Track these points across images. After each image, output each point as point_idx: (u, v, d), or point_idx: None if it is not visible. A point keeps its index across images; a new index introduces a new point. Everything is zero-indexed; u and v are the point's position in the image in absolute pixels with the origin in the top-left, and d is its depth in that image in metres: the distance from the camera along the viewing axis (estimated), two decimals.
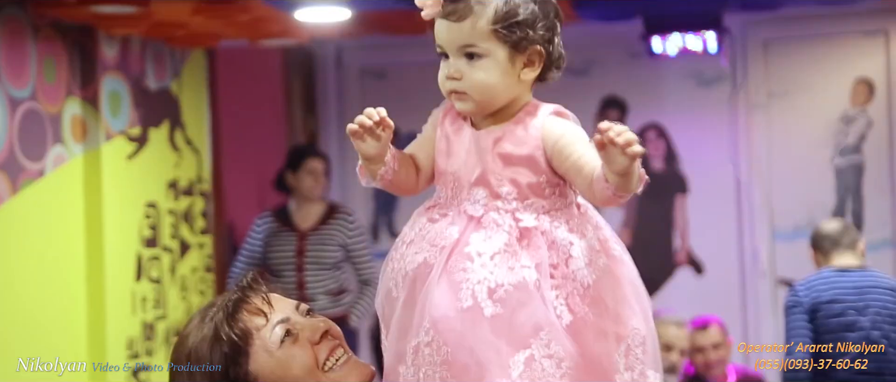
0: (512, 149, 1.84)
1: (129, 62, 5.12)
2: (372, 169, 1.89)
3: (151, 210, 5.27)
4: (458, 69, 1.83)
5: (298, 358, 1.84)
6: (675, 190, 6.74)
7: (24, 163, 4.45)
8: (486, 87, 1.83)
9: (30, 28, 4.51)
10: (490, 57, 1.82)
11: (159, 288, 5.30)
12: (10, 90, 4.38)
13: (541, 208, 1.83)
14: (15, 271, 4.38)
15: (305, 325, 1.87)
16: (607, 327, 1.81)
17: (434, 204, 1.89)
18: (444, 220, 1.84)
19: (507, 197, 1.83)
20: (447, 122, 1.90)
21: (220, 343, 1.82)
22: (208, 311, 1.88)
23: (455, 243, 1.80)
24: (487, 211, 1.82)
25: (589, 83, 6.72)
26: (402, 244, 1.87)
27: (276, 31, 5.28)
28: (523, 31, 1.83)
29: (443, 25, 1.84)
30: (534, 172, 1.83)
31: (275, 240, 5.52)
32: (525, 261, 1.79)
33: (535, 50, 1.85)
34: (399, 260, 1.86)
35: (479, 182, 1.84)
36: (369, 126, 1.84)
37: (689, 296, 6.56)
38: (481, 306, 1.76)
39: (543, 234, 1.81)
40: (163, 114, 5.40)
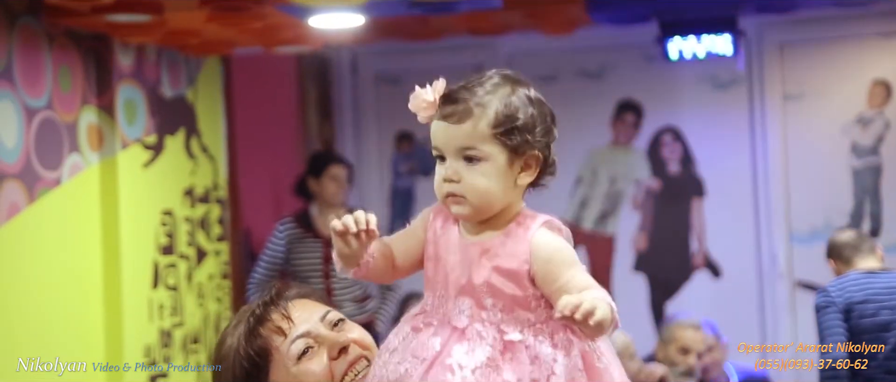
0: (499, 261, 1.79)
1: (145, 70, 5.13)
2: (347, 262, 1.85)
3: (168, 217, 5.27)
4: (456, 172, 1.78)
5: (312, 375, 1.86)
6: (692, 193, 6.72)
7: (40, 172, 4.46)
8: (485, 192, 1.78)
9: (45, 37, 4.52)
10: (490, 161, 1.78)
11: (176, 296, 5.30)
12: (26, 99, 4.40)
13: (526, 321, 1.78)
14: (32, 280, 4.39)
15: (325, 339, 1.89)
16: None
17: (420, 312, 1.84)
18: (428, 330, 1.80)
19: (492, 309, 1.78)
20: (437, 225, 1.86)
21: (240, 357, 1.88)
22: (243, 315, 1.93)
23: (436, 355, 1.76)
24: (472, 323, 1.78)
25: (604, 87, 6.71)
26: (386, 352, 1.83)
27: (290, 38, 5.29)
28: (523, 135, 1.78)
29: (440, 127, 1.80)
30: (519, 287, 1.78)
31: (299, 247, 5.52)
32: (507, 376, 1.74)
33: (533, 154, 1.80)
34: (382, 368, 1.82)
35: (465, 292, 1.79)
36: (355, 232, 1.79)
37: (707, 300, 6.54)
38: None
39: (527, 349, 1.76)
40: (178, 121, 5.41)
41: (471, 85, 1.80)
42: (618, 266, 6.73)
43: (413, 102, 1.83)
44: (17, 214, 4.31)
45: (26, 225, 4.35)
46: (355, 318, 5.40)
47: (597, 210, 6.76)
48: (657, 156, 6.77)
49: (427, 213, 1.89)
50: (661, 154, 6.77)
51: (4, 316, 4.22)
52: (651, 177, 6.78)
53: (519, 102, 1.79)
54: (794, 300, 6.51)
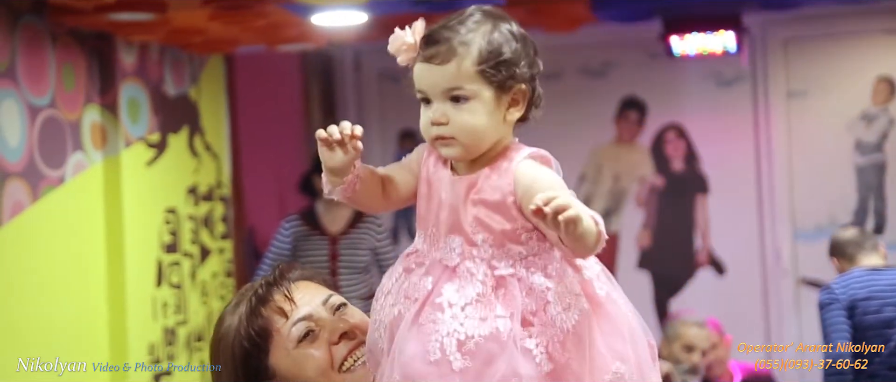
0: (485, 195, 1.76)
1: (148, 69, 5.13)
2: (332, 180, 1.83)
3: (171, 215, 5.27)
4: (444, 113, 1.75)
5: (313, 359, 1.84)
6: (696, 190, 6.72)
7: (44, 171, 4.46)
8: (475, 130, 1.75)
9: (48, 36, 4.52)
10: (477, 99, 1.75)
11: (180, 294, 5.30)
12: (29, 98, 4.40)
13: (517, 255, 1.76)
14: (36, 278, 4.39)
15: (326, 324, 1.87)
16: (584, 373, 1.73)
17: (413, 251, 1.83)
18: (419, 270, 1.78)
19: (482, 245, 1.76)
20: (430, 163, 1.84)
21: (241, 337, 1.86)
22: (242, 298, 1.92)
23: (427, 294, 1.75)
24: (463, 260, 1.76)
25: (608, 84, 6.70)
26: (382, 294, 1.82)
27: (293, 36, 5.29)
28: (509, 69, 1.76)
29: (424, 69, 1.77)
30: (507, 219, 1.76)
31: (306, 244, 5.52)
32: (499, 311, 1.72)
33: (519, 89, 1.78)
34: (378, 312, 1.81)
35: (454, 230, 1.77)
36: (338, 139, 1.78)
37: (711, 297, 6.53)
38: (450, 359, 1.69)
39: (520, 282, 1.74)
40: (182, 120, 5.41)
41: (452, 24, 1.78)
42: (621, 263, 6.73)
43: (392, 45, 1.81)
44: (20, 213, 4.31)
45: (30, 223, 4.35)
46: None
47: (600, 207, 6.76)
48: (661, 154, 6.76)
49: (422, 150, 1.86)
50: (665, 151, 6.76)
51: (8, 314, 4.22)
52: (655, 175, 6.77)
53: (502, 38, 1.77)
54: (799, 297, 6.50)
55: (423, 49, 1.78)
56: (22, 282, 4.31)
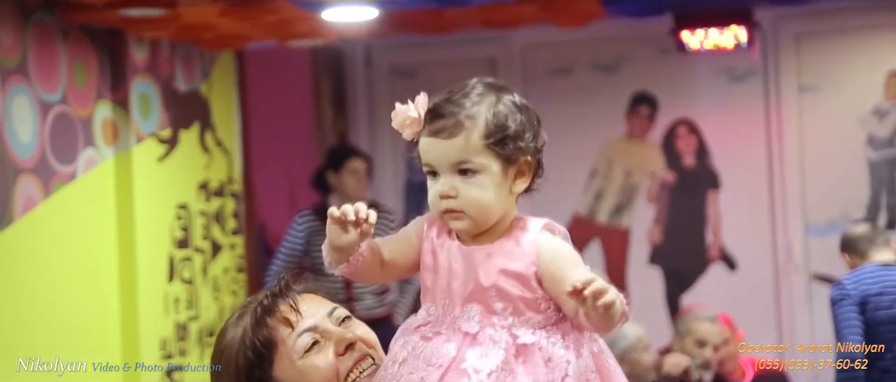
0: (504, 264, 1.78)
1: (159, 64, 5.14)
2: (336, 257, 1.83)
3: (183, 211, 5.28)
4: (452, 187, 1.77)
5: (318, 370, 1.83)
6: (707, 185, 6.70)
7: (55, 167, 4.48)
8: (484, 204, 1.77)
9: (59, 32, 4.53)
10: (485, 172, 1.76)
11: (191, 289, 5.31)
12: (41, 94, 4.41)
13: (537, 323, 1.78)
14: (48, 273, 4.40)
15: (332, 335, 1.87)
16: None
17: (425, 323, 1.83)
18: (439, 338, 1.79)
19: (502, 313, 1.77)
20: (433, 235, 1.84)
21: (245, 347, 1.85)
22: (247, 308, 1.90)
23: (451, 361, 1.75)
24: (483, 328, 1.77)
25: (619, 79, 6.69)
26: (393, 364, 1.81)
27: (304, 32, 5.29)
28: (515, 143, 1.77)
29: (431, 143, 1.79)
30: (527, 289, 1.77)
31: (319, 240, 5.48)
32: (522, 379, 1.74)
33: (525, 160, 1.79)
34: (391, 380, 1.80)
35: (472, 298, 1.78)
36: (353, 220, 1.78)
37: (722, 292, 6.52)
38: None
39: (541, 350, 1.76)
40: (193, 115, 5.42)
41: (456, 97, 1.79)
42: (633, 259, 6.72)
43: (396, 120, 1.81)
44: (32, 208, 4.32)
45: (42, 219, 4.36)
46: (374, 311, 5.44)
47: (612, 203, 6.75)
48: (672, 149, 6.75)
49: (421, 222, 1.87)
50: (676, 146, 6.75)
51: (20, 309, 4.23)
52: (666, 170, 6.76)
53: (506, 110, 1.78)
54: (811, 292, 6.49)
55: (429, 123, 1.79)
56: (34, 278, 4.32)
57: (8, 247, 4.17)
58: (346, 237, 1.79)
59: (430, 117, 1.79)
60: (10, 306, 4.18)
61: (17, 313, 4.21)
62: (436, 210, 1.80)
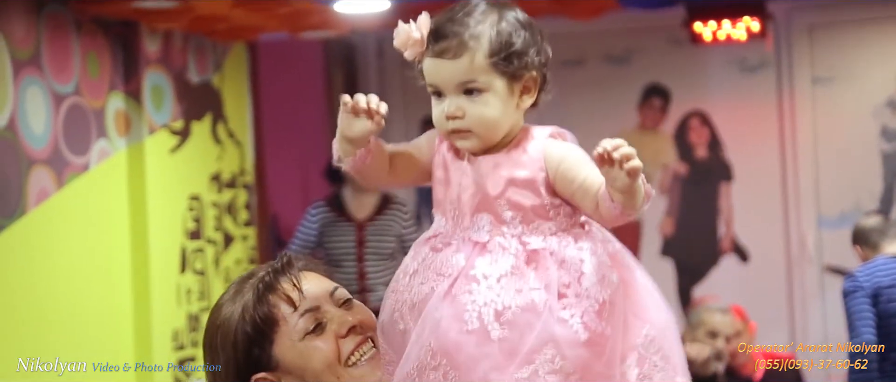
0: (512, 173, 1.79)
1: (172, 56, 5.15)
2: (345, 149, 1.85)
3: (195, 202, 5.29)
4: (459, 106, 1.78)
5: (320, 352, 1.80)
6: (720, 177, 6.69)
7: (68, 158, 4.49)
8: (490, 122, 1.78)
9: (73, 24, 4.54)
10: (490, 90, 1.77)
11: (204, 280, 5.33)
12: (54, 85, 4.42)
13: (547, 230, 1.79)
14: (61, 264, 4.42)
15: (334, 317, 1.84)
16: (618, 340, 1.78)
17: (435, 234, 1.84)
18: (449, 249, 1.80)
19: (512, 222, 1.79)
20: (444, 149, 1.85)
21: (245, 323, 1.81)
22: (244, 284, 1.86)
23: (461, 269, 1.77)
24: (493, 237, 1.79)
25: (631, 71, 6.68)
26: (405, 275, 1.83)
27: (316, 23, 5.29)
28: (520, 59, 1.78)
29: (435, 64, 1.79)
30: (536, 195, 1.79)
31: (332, 230, 5.53)
32: (534, 283, 1.75)
33: (530, 76, 1.80)
34: (403, 292, 1.82)
35: (482, 208, 1.80)
36: (364, 108, 1.79)
37: (735, 284, 6.51)
38: (488, 329, 1.73)
39: (552, 255, 1.78)
40: (205, 107, 5.43)
41: (458, 16, 1.79)
42: (645, 250, 6.71)
43: (398, 39, 1.82)
44: (45, 199, 4.34)
45: (55, 210, 4.38)
46: None
47: None
48: (684, 141, 6.74)
49: (433, 135, 1.87)
50: (689, 138, 6.73)
51: (34, 300, 4.25)
52: (678, 162, 6.75)
53: (510, 27, 1.79)
54: (823, 284, 6.47)
55: (433, 44, 1.79)
56: (47, 268, 4.34)
57: (21, 238, 4.18)
58: (357, 126, 1.80)
59: (434, 38, 1.79)
60: (23, 295, 4.19)
61: (30, 302, 4.22)
62: (442, 130, 1.81)
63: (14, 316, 4.14)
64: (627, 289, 1.81)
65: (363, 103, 1.79)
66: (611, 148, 1.65)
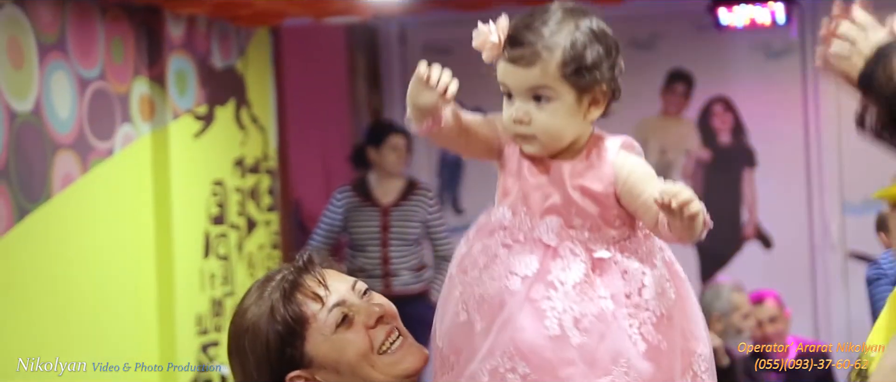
0: (588, 183, 1.83)
1: (195, 41, 5.16)
2: (415, 114, 1.87)
3: (218, 187, 5.31)
4: (526, 112, 1.82)
5: (353, 343, 1.83)
6: (743, 163, 6.67)
7: (93, 143, 4.51)
8: (554, 131, 1.82)
9: (97, 9, 4.56)
10: (559, 100, 1.81)
11: (227, 265, 5.35)
12: (79, 70, 4.44)
13: (611, 239, 1.84)
14: (86, 249, 4.44)
15: (361, 308, 1.86)
16: (678, 354, 1.83)
17: (502, 227, 1.86)
18: (520, 247, 1.83)
19: (579, 229, 1.83)
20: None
21: (276, 323, 1.82)
22: (266, 286, 1.87)
23: (537, 272, 1.80)
24: (562, 241, 1.83)
25: (655, 57, 6.66)
26: (474, 268, 1.86)
27: (339, 9, 5.29)
28: (591, 73, 1.81)
29: (509, 69, 1.83)
30: (604, 205, 1.83)
31: (357, 215, 5.54)
32: (602, 292, 1.80)
33: (600, 89, 1.84)
34: (472, 285, 1.85)
35: (553, 211, 1.83)
36: (432, 85, 1.82)
37: (758, 270, 6.50)
38: (568, 335, 1.77)
39: (616, 264, 1.83)
40: (229, 92, 5.44)
41: (534, 25, 1.82)
42: None
43: (477, 40, 1.86)
44: (70, 184, 4.36)
45: (80, 194, 4.40)
46: (411, 287, 5.46)
47: None
48: (708, 126, 6.72)
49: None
50: (712, 124, 6.71)
51: (58, 284, 4.28)
52: (701, 148, 6.73)
53: (584, 39, 1.82)
54: (847, 271, 6.45)
55: (509, 49, 1.82)
56: (71, 252, 4.36)
57: (46, 222, 4.21)
58: (425, 97, 1.83)
59: (510, 43, 1.83)
60: (47, 279, 4.22)
61: (54, 286, 4.25)
62: (509, 131, 1.86)
63: (40, 299, 4.17)
64: (682, 304, 1.86)
65: (434, 77, 1.82)
66: (668, 199, 1.71)
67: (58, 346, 4.19)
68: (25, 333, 4.07)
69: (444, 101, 1.83)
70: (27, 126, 4.12)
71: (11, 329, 4.00)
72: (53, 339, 4.19)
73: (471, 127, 1.89)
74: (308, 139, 6.30)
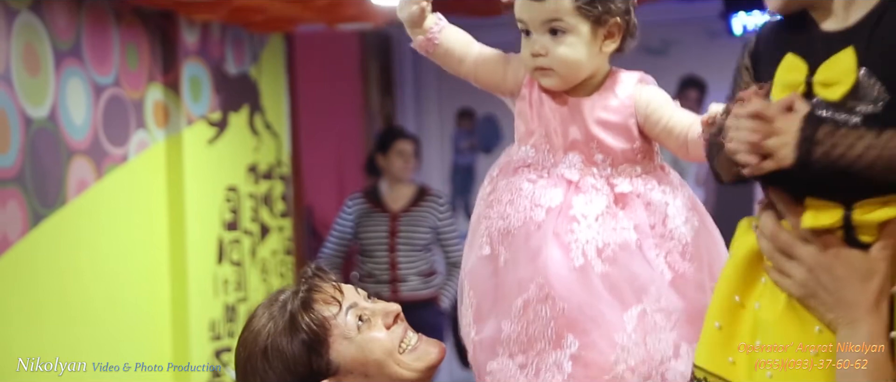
0: (607, 117, 1.89)
1: (210, 48, 5.18)
2: (409, 31, 1.98)
3: (232, 193, 5.33)
4: (543, 45, 1.87)
5: (378, 341, 1.84)
6: None
7: (108, 149, 4.53)
8: (572, 62, 1.87)
9: (113, 15, 4.58)
10: (574, 32, 1.86)
11: (240, 271, 5.36)
12: (94, 76, 4.46)
13: (633, 173, 1.89)
14: (100, 254, 4.46)
15: (376, 309, 1.88)
16: (705, 280, 1.87)
17: (526, 164, 1.91)
18: (544, 181, 1.88)
19: (602, 164, 1.88)
20: (537, 85, 1.93)
21: (299, 332, 1.81)
22: (273, 306, 1.87)
23: (560, 205, 1.85)
24: (583, 176, 1.87)
25: (667, 63, 6.66)
26: (499, 203, 1.90)
27: (353, 15, 5.31)
28: (605, 5, 1.87)
29: (525, 3, 1.88)
30: (627, 139, 1.89)
31: (367, 221, 5.55)
32: (624, 223, 1.85)
33: (615, 22, 1.89)
34: (496, 219, 1.89)
35: (574, 147, 1.88)
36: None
37: None
38: (592, 264, 1.81)
39: (639, 197, 1.88)
40: (242, 98, 5.46)
41: None
42: None
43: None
44: (85, 190, 4.38)
45: (94, 200, 4.42)
46: (420, 293, 5.46)
47: None
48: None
49: (522, 70, 1.94)
50: None
51: (73, 289, 4.29)
52: None
53: None
54: None
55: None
56: (86, 258, 4.38)
57: (61, 227, 4.23)
58: (405, 9, 1.95)
59: None
60: (62, 285, 4.24)
61: (70, 291, 4.27)
62: (527, 66, 1.91)
63: (55, 304, 4.19)
64: (706, 233, 1.91)
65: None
66: (710, 118, 1.81)
67: (72, 351, 4.21)
68: (40, 338, 4.08)
69: (418, 8, 1.92)
70: (42, 132, 4.15)
71: (26, 334, 4.02)
72: (67, 344, 4.20)
73: (481, 55, 1.97)
74: (321, 145, 6.32)
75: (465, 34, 2.00)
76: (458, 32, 1.99)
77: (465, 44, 1.99)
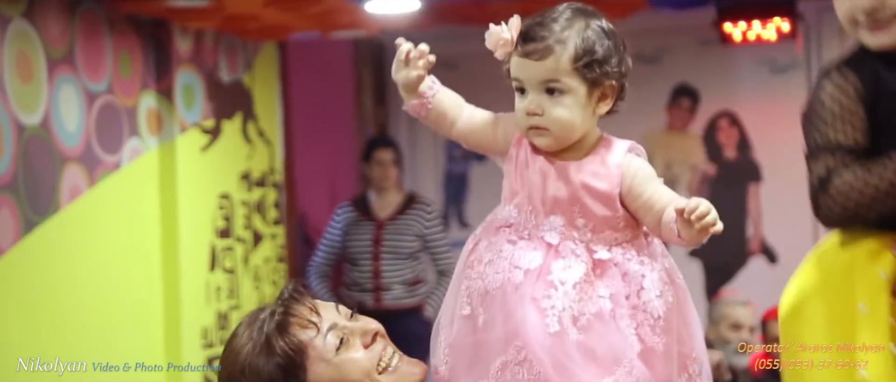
0: (594, 183, 1.88)
1: (203, 55, 5.18)
2: (403, 95, 1.98)
3: (225, 201, 5.33)
4: (539, 105, 1.87)
5: (355, 362, 1.84)
6: (749, 178, 6.67)
7: (100, 156, 4.53)
8: (567, 123, 1.87)
9: (106, 22, 4.58)
10: (571, 93, 1.87)
11: (233, 278, 5.36)
12: (87, 84, 4.46)
13: (613, 240, 1.89)
14: (92, 262, 4.46)
15: (354, 328, 1.88)
16: (673, 357, 1.87)
17: (507, 225, 1.91)
18: (524, 243, 1.88)
19: (582, 229, 1.88)
20: (526, 145, 1.93)
21: (275, 356, 1.82)
22: (253, 325, 1.87)
23: (538, 269, 1.85)
24: (563, 240, 1.87)
25: (660, 71, 6.67)
26: (480, 263, 1.90)
27: (346, 23, 5.31)
28: (601, 67, 1.88)
29: (522, 63, 1.89)
30: (610, 208, 1.88)
31: (353, 229, 5.56)
32: (601, 292, 1.84)
33: (609, 85, 1.90)
34: (477, 279, 1.89)
35: (557, 210, 1.88)
36: (403, 59, 1.94)
37: (763, 285, 6.49)
38: (567, 332, 1.81)
39: (616, 266, 1.87)
40: (235, 106, 5.46)
41: (546, 22, 1.89)
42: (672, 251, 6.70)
43: (490, 40, 1.93)
44: (78, 197, 4.38)
45: (87, 208, 4.42)
46: (404, 301, 5.45)
47: None
48: (713, 141, 6.72)
49: (513, 129, 1.94)
50: (718, 139, 6.72)
51: (65, 297, 4.29)
52: (707, 162, 6.74)
53: (595, 36, 1.88)
54: None
55: (522, 45, 1.89)
56: (78, 266, 4.38)
57: (54, 235, 4.22)
58: (401, 74, 1.95)
59: (523, 39, 1.89)
60: (54, 292, 4.23)
61: (62, 298, 4.26)
62: (522, 125, 1.91)
63: (47, 312, 4.19)
64: (681, 310, 1.91)
65: (402, 55, 1.94)
66: (688, 213, 1.78)
67: (65, 358, 4.20)
68: (32, 346, 4.08)
69: (416, 69, 1.92)
70: (35, 139, 4.14)
71: (18, 342, 4.01)
72: (60, 351, 4.19)
73: (468, 116, 1.96)
74: (314, 153, 6.31)
75: (457, 97, 1.99)
76: (450, 95, 1.98)
77: (457, 107, 1.98)
